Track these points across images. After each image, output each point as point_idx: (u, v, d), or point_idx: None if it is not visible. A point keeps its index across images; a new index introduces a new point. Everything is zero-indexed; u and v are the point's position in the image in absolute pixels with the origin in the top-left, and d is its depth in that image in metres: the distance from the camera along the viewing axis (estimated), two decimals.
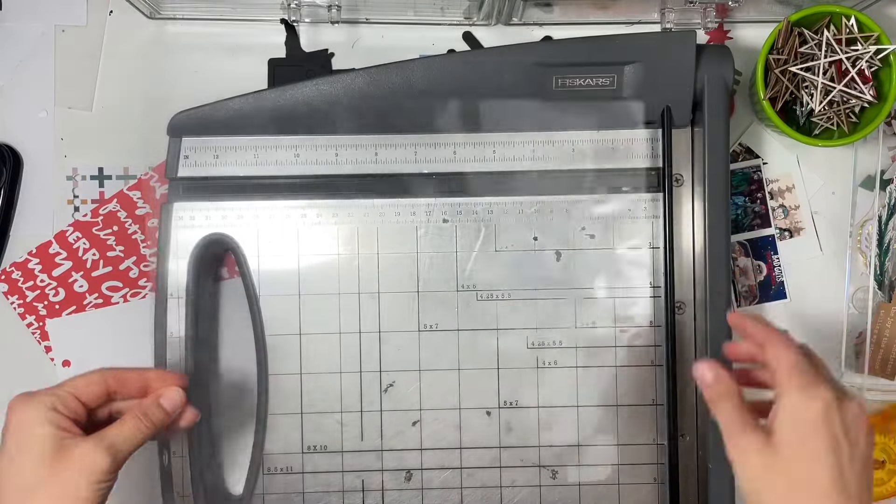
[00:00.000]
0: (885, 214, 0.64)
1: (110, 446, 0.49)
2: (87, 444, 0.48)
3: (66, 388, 0.50)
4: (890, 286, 0.64)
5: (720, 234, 0.60)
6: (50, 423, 0.48)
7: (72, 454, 0.48)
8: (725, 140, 0.60)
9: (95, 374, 0.52)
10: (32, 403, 0.49)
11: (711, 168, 0.60)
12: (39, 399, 0.49)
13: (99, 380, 0.52)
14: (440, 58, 0.61)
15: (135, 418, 0.51)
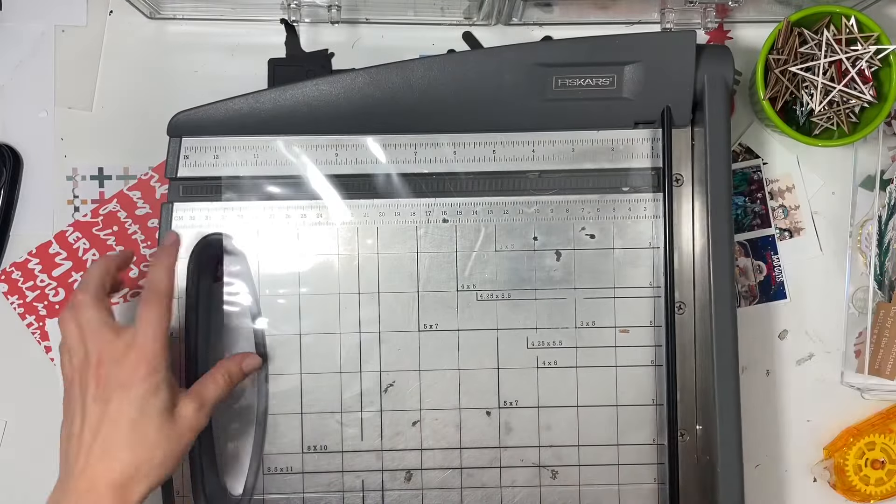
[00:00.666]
0: (885, 214, 0.64)
1: (202, 405, 0.55)
2: (192, 405, 0.54)
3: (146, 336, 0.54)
4: (890, 286, 0.64)
5: (723, 234, 0.59)
6: (166, 385, 0.53)
7: (180, 413, 0.54)
8: (727, 140, 0.60)
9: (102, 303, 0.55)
10: (156, 375, 0.53)
11: (713, 168, 0.60)
12: (160, 365, 0.53)
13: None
14: (440, 58, 0.61)
15: (222, 378, 0.57)
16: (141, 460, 0.52)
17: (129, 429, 0.52)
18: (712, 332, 0.59)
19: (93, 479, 0.51)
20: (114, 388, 0.52)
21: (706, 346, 0.60)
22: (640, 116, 0.61)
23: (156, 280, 0.55)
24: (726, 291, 0.59)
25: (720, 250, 0.59)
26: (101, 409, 0.52)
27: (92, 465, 0.51)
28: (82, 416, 0.52)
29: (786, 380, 0.67)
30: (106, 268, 0.56)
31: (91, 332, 0.53)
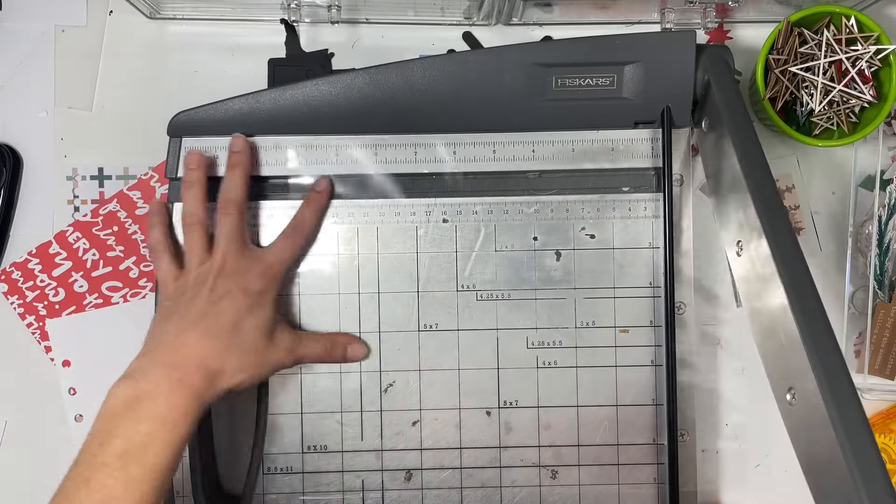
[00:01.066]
0: (885, 214, 0.64)
1: (294, 350, 0.58)
2: (288, 341, 0.58)
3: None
4: (890, 286, 0.64)
5: (783, 229, 0.52)
6: (273, 307, 0.57)
7: (276, 340, 0.57)
8: (753, 135, 0.56)
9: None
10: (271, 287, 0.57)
11: (751, 166, 0.54)
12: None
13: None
14: (440, 58, 0.61)
15: (324, 345, 0.60)
16: (232, 358, 0.54)
17: (231, 327, 0.55)
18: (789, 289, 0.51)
19: (186, 355, 0.53)
20: (229, 290, 0.55)
21: (770, 309, 0.52)
22: (640, 116, 0.61)
23: (303, 218, 0.60)
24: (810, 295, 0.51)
25: (789, 260, 0.51)
26: (212, 303, 0.55)
27: (189, 344, 0.53)
28: (189, 303, 0.55)
29: None
30: (247, 181, 0.59)
31: (227, 238, 0.57)
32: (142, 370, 0.52)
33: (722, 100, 0.58)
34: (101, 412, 0.51)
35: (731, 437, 0.66)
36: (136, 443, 0.49)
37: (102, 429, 0.50)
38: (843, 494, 0.45)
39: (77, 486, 0.48)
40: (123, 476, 0.48)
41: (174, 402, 0.51)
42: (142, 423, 0.49)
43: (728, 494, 0.66)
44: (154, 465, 0.49)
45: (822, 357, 0.48)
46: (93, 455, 0.49)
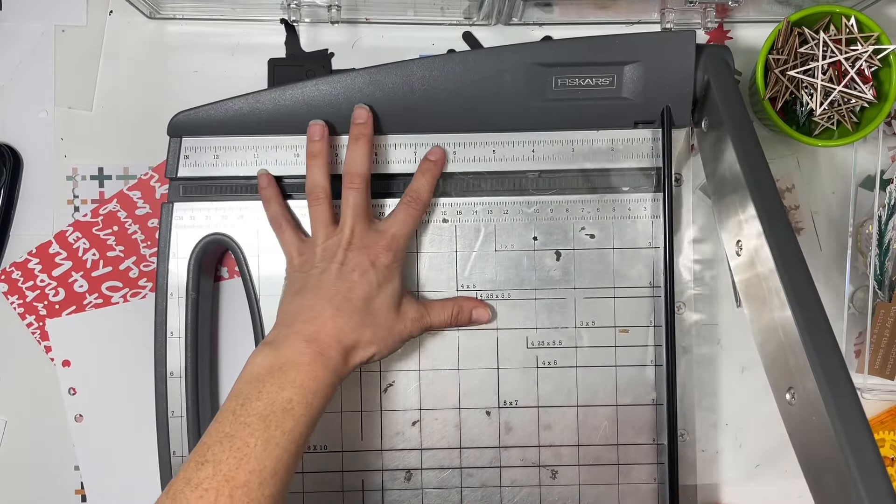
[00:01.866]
0: (885, 214, 0.64)
1: (422, 318, 0.59)
2: (415, 311, 0.59)
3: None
4: (890, 286, 0.64)
5: (783, 228, 0.52)
6: (400, 278, 0.59)
7: (404, 311, 0.59)
8: (753, 135, 0.56)
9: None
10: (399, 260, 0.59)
11: (751, 165, 0.54)
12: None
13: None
14: (440, 58, 0.61)
15: (451, 311, 0.61)
16: (365, 333, 0.55)
17: (364, 302, 0.56)
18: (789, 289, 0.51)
19: (324, 330, 0.54)
20: (359, 264, 0.56)
21: (769, 305, 0.52)
22: (640, 116, 0.61)
23: (419, 187, 0.60)
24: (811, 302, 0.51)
25: (789, 260, 0.51)
26: (343, 277, 0.56)
27: (326, 320, 0.54)
28: (320, 277, 0.56)
29: None
30: (371, 153, 0.60)
31: (354, 211, 0.57)
32: (284, 340, 0.53)
33: (722, 100, 0.58)
34: (243, 376, 0.52)
35: (731, 437, 0.66)
36: (277, 408, 0.50)
37: (244, 391, 0.51)
38: (843, 494, 0.45)
39: (219, 440, 0.49)
40: (264, 437, 0.49)
41: (315, 373, 0.52)
42: (284, 390, 0.51)
43: (728, 494, 0.66)
44: (292, 430, 0.50)
45: (822, 357, 0.48)
46: (234, 413, 0.50)
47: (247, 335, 0.62)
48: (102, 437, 0.65)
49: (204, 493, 0.47)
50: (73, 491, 0.66)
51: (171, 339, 0.61)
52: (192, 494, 0.47)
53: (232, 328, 0.65)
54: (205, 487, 0.47)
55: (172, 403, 0.61)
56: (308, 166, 0.59)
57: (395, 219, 0.59)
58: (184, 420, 0.61)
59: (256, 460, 0.48)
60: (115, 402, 0.66)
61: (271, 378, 0.51)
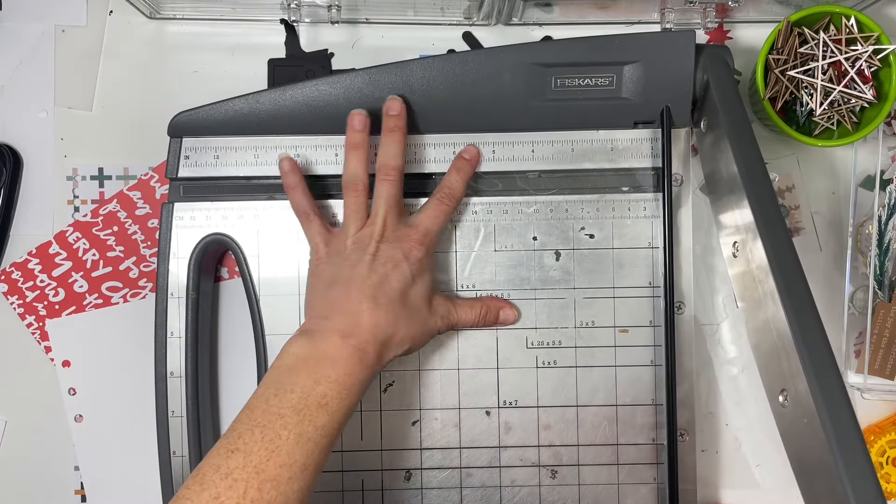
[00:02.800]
0: (885, 214, 0.64)
1: (449, 315, 0.59)
2: (444, 307, 0.59)
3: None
4: (890, 286, 0.64)
5: (779, 230, 0.53)
6: (430, 273, 0.58)
7: (434, 306, 0.58)
8: (751, 135, 0.56)
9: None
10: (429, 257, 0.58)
11: (748, 166, 0.55)
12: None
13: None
14: (440, 58, 0.61)
15: (478, 310, 0.60)
16: (400, 328, 0.55)
17: (398, 296, 0.55)
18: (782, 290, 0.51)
19: (361, 324, 0.53)
20: (392, 257, 0.56)
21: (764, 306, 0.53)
22: (640, 116, 0.61)
23: (453, 184, 0.60)
24: (805, 301, 0.50)
25: (783, 258, 0.52)
26: (376, 270, 0.55)
27: (363, 313, 0.54)
28: (353, 269, 0.55)
29: None
30: (405, 146, 0.59)
31: (387, 204, 0.57)
32: (321, 332, 0.53)
33: (720, 100, 0.58)
34: (277, 365, 0.52)
35: (731, 437, 0.66)
36: (311, 402, 0.50)
37: (278, 380, 0.51)
38: (833, 496, 0.45)
39: (251, 428, 0.49)
40: (297, 431, 0.49)
41: (350, 369, 0.52)
42: (320, 385, 0.50)
43: (728, 494, 0.66)
44: (325, 426, 0.50)
45: (814, 359, 0.48)
46: (267, 402, 0.50)
47: (247, 335, 0.62)
48: (102, 437, 0.66)
49: (233, 483, 0.46)
50: (73, 491, 0.66)
51: (171, 339, 0.61)
52: (222, 483, 0.46)
53: (232, 328, 0.65)
54: (234, 478, 0.46)
55: (172, 403, 0.61)
56: (348, 157, 0.58)
57: (428, 213, 0.59)
58: (184, 420, 0.61)
59: (287, 454, 0.48)
60: (115, 402, 0.66)
61: (306, 370, 0.51)
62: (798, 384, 0.48)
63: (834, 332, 0.66)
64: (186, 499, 0.46)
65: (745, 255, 0.56)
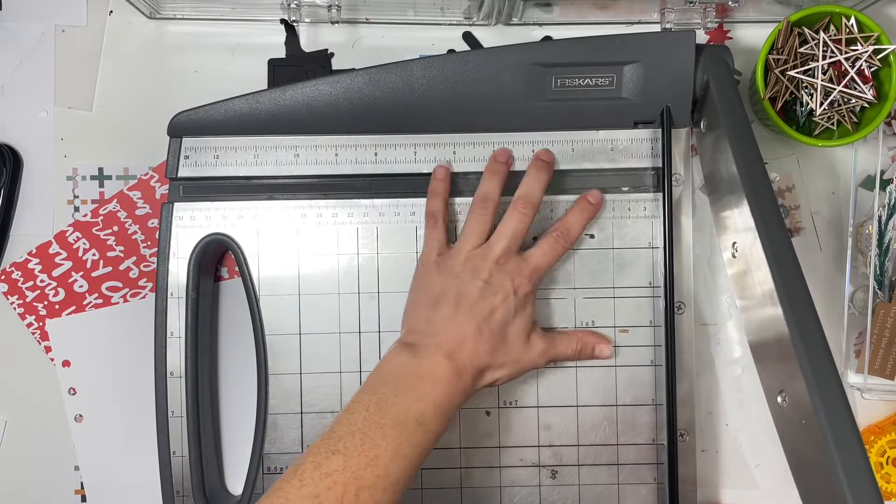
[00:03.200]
0: (885, 214, 0.64)
1: (548, 351, 0.59)
2: (543, 343, 0.59)
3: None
4: (890, 286, 0.64)
5: (778, 231, 0.53)
6: (532, 307, 0.58)
7: (532, 341, 0.58)
8: (750, 136, 0.57)
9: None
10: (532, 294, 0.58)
11: (747, 167, 0.55)
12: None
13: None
14: (440, 58, 0.61)
15: (575, 346, 0.60)
16: (497, 358, 0.56)
17: (501, 327, 0.56)
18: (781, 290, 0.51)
19: (465, 349, 0.54)
20: (503, 286, 0.56)
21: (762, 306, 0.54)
22: (640, 116, 0.61)
23: (571, 226, 0.60)
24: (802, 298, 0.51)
25: (782, 259, 0.52)
26: (485, 296, 0.55)
27: (468, 338, 0.54)
28: (463, 287, 0.56)
29: None
30: (545, 190, 0.60)
31: (512, 234, 0.58)
32: (425, 350, 0.54)
33: (720, 100, 0.58)
34: (380, 373, 0.53)
35: (731, 437, 0.66)
36: (411, 418, 0.50)
37: (380, 390, 0.52)
38: (831, 497, 0.45)
39: (351, 433, 0.49)
40: (395, 445, 0.49)
41: (449, 392, 0.53)
42: (420, 402, 0.51)
43: (728, 494, 0.66)
44: (419, 445, 0.51)
45: (813, 361, 0.48)
46: (368, 410, 0.50)
47: (247, 335, 0.62)
48: (102, 437, 0.65)
49: (333, 484, 0.47)
50: (73, 491, 0.66)
51: (171, 339, 0.61)
52: (322, 483, 0.47)
53: (232, 328, 0.65)
54: (334, 479, 0.47)
55: (172, 403, 0.61)
56: (487, 177, 0.60)
57: (541, 250, 0.59)
58: (184, 420, 0.61)
59: (384, 466, 0.48)
60: (115, 402, 0.66)
61: (408, 385, 0.52)
62: (797, 385, 0.48)
63: (834, 332, 0.66)
64: (285, 493, 0.47)
65: (745, 255, 0.56)
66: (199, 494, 0.61)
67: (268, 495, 0.47)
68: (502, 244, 0.57)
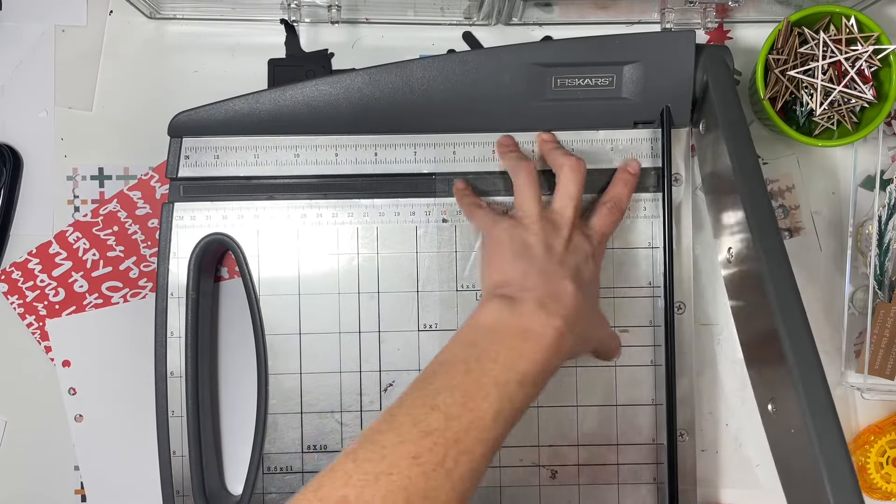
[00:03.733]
0: (885, 214, 0.64)
1: (605, 345, 0.57)
2: (609, 330, 0.58)
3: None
4: (890, 286, 0.64)
5: (772, 235, 0.53)
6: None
7: (603, 320, 0.57)
8: (747, 137, 0.57)
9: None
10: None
11: (742, 166, 0.56)
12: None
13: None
14: (440, 58, 0.61)
15: (617, 343, 0.59)
16: (590, 321, 0.53)
17: (588, 288, 0.54)
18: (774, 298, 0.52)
19: (567, 306, 0.51)
20: (582, 248, 0.55)
21: (758, 315, 0.53)
22: (640, 116, 0.61)
23: (621, 196, 0.60)
24: (781, 260, 0.52)
25: (772, 254, 0.53)
26: (571, 256, 0.54)
27: (559, 290, 0.51)
28: (546, 246, 0.53)
29: None
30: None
31: (578, 197, 0.56)
32: (521, 301, 0.50)
33: (718, 101, 0.58)
34: (477, 324, 0.50)
35: (731, 437, 0.66)
36: (513, 379, 0.47)
37: (480, 343, 0.48)
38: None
39: (450, 388, 0.46)
40: (496, 408, 0.45)
41: (552, 353, 0.49)
42: (522, 362, 0.47)
43: (728, 494, 0.66)
44: (519, 409, 0.47)
45: (804, 371, 0.48)
46: (467, 365, 0.47)
47: (247, 335, 0.62)
48: (102, 437, 0.66)
49: (434, 445, 0.43)
50: (72, 491, 0.66)
51: (171, 338, 0.61)
52: (422, 442, 0.43)
53: (232, 328, 0.65)
54: (434, 440, 0.43)
55: (172, 403, 0.61)
56: (509, 160, 0.59)
57: (601, 220, 0.58)
58: (184, 420, 0.61)
59: (485, 429, 0.45)
60: (115, 402, 0.66)
61: (510, 343, 0.48)
62: (787, 394, 0.48)
63: (834, 332, 0.66)
64: (381, 446, 0.43)
65: (739, 260, 0.56)
66: (198, 494, 0.61)
67: (358, 446, 0.43)
68: (573, 206, 0.56)
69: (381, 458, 0.43)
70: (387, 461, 0.42)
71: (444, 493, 0.43)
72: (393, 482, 0.42)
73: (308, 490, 0.42)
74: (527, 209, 0.55)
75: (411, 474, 0.42)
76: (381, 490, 0.41)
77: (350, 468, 0.42)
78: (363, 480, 0.42)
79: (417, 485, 0.42)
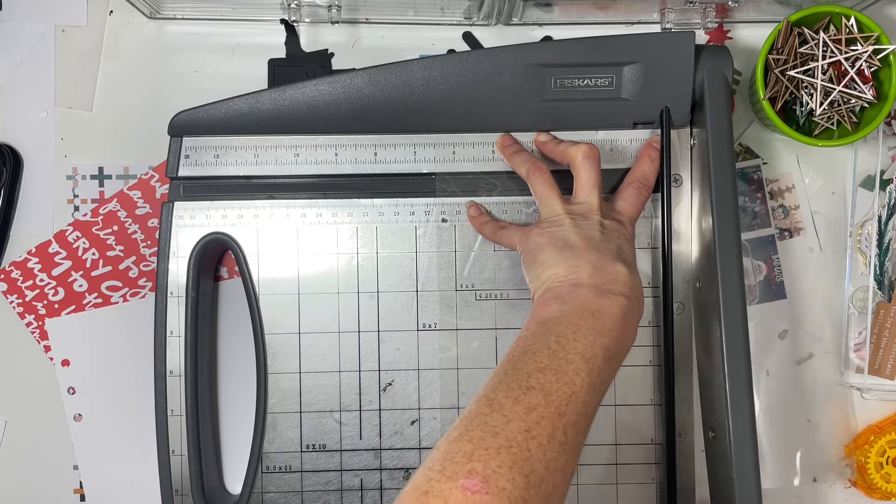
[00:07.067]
0: (885, 214, 0.64)
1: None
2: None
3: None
4: (890, 286, 0.64)
5: (730, 235, 0.58)
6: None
7: None
8: (729, 139, 0.59)
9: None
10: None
11: (717, 167, 0.58)
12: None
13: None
14: (440, 58, 0.61)
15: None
16: (639, 294, 0.53)
17: (632, 268, 0.54)
18: (722, 334, 0.57)
19: (616, 282, 0.52)
20: (616, 230, 0.55)
21: (720, 347, 0.57)
22: (639, 117, 0.61)
23: (647, 174, 0.60)
24: (735, 290, 0.57)
25: (727, 251, 0.58)
26: (610, 241, 0.54)
27: (615, 273, 0.52)
28: (585, 237, 0.53)
29: (786, 380, 0.67)
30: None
31: (598, 183, 0.57)
32: (586, 290, 0.51)
33: (709, 102, 0.59)
34: (546, 319, 0.50)
35: None
36: (598, 353, 0.48)
37: (555, 329, 0.49)
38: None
39: (540, 370, 0.46)
40: (588, 380, 0.46)
41: (625, 328, 0.50)
42: (603, 337, 0.48)
43: None
44: (606, 382, 0.48)
45: (737, 405, 0.56)
46: (549, 349, 0.47)
47: (246, 335, 0.62)
48: (102, 437, 0.66)
49: (541, 419, 0.43)
50: (72, 490, 0.66)
51: (170, 338, 0.61)
52: (529, 417, 0.43)
53: (231, 328, 0.65)
54: (540, 414, 0.44)
55: (172, 403, 0.61)
56: (515, 158, 0.60)
57: (628, 200, 0.58)
58: (183, 419, 0.61)
59: (583, 402, 0.45)
60: (115, 401, 0.66)
61: (586, 323, 0.49)
62: (723, 425, 0.56)
63: (834, 332, 0.66)
64: (490, 425, 0.43)
65: (704, 288, 0.60)
66: (198, 493, 0.61)
67: (465, 429, 0.43)
68: (596, 194, 0.56)
69: (494, 436, 0.43)
70: (501, 436, 0.43)
71: (562, 462, 0.44)
72: (513, 454, 0.42)
73: (431, 470, 0.42)
74: (553, 209, 0.56)
75: (529, 446, 0.43)
76: (507, 461, 0.42)
77: (467, 448, 0.43)
78: (486, 454, 0.42)
79: (537, 456, 0.43)
